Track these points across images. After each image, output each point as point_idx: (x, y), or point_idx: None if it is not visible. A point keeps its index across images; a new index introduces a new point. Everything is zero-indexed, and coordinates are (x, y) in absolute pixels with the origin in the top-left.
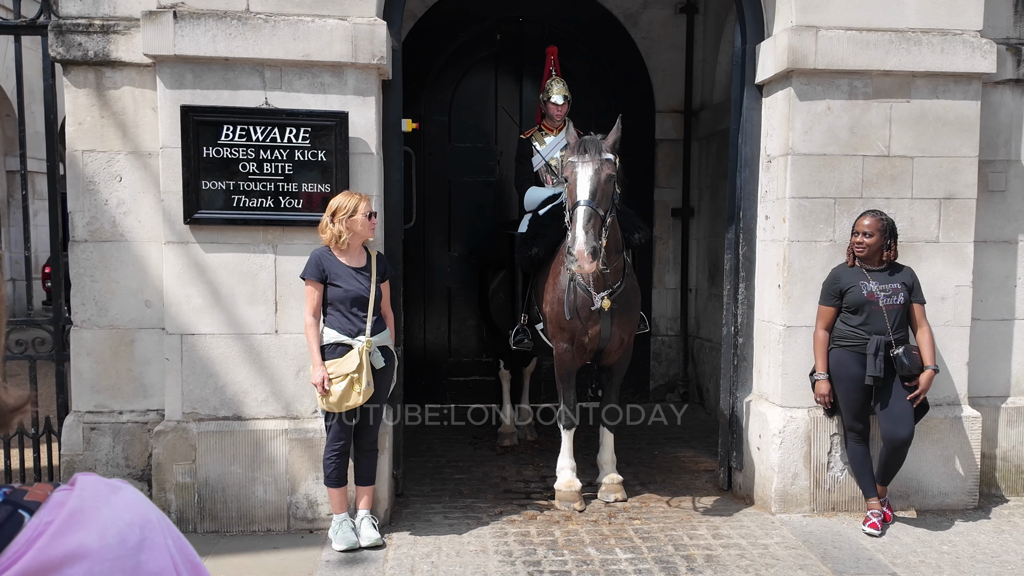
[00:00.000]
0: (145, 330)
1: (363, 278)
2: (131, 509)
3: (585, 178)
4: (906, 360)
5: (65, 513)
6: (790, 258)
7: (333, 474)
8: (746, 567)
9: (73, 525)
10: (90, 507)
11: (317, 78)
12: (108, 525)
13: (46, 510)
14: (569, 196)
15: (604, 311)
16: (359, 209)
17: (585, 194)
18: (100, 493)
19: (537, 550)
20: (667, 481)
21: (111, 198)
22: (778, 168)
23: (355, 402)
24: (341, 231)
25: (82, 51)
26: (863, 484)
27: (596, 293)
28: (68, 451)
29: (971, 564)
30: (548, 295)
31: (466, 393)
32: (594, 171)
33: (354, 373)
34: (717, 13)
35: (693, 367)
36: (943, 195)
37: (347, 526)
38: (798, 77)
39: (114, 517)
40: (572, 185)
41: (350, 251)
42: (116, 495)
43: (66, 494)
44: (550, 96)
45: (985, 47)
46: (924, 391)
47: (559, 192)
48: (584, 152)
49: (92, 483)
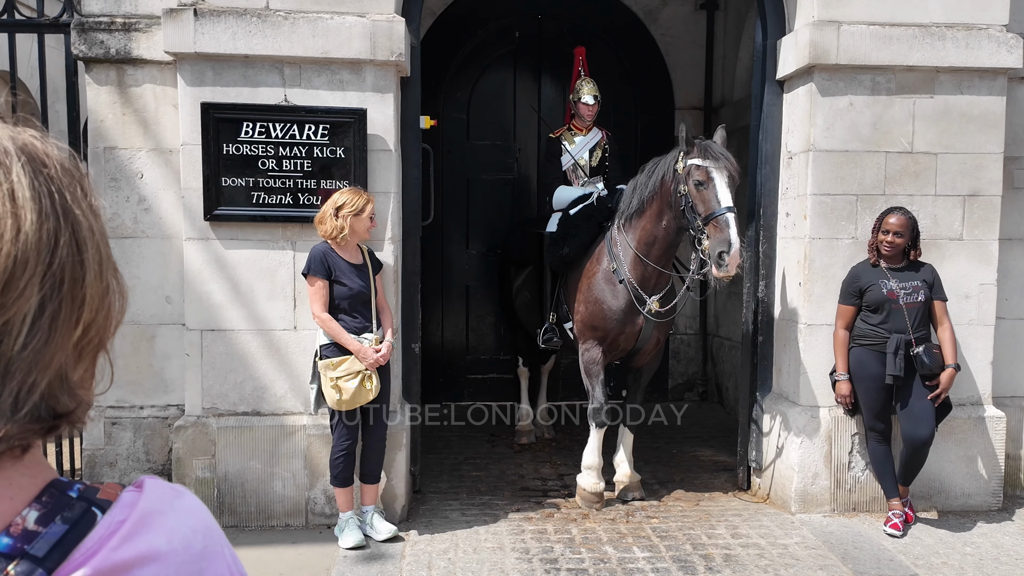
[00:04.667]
0: (166, 325)
1: (363, 274)
2: (194, 515)
3: (723, 184)
4: (926, 359)
5: (137, 514)
6: (811, 255)
7: (341, 474)
8: (765, 567)
9: (143, 527)
10: (158, 510)
11: (336, 75)
12: (175, 530)
13: (117, 509)
14: (702, 200)
15: (648, 313)
16: (366, 209)
17: (729, 200)
18: (166, 497)
19: (554, 548)
20: (685, 480)
21: (132, 195)
22: (799, 165)
23: (367, 399)
24: (344, 226)
25: (104, 49)
26: (885, 484)
27: (648, 296)
28: (90, 445)
29: (995, 566)
30: (582, 295)
31: (484, 391)
32: (729, 176)
33: (365, 370)
34: (737, 9)
35: (712, 366)
36: (967, 192)
37: (354, 523)
38: (820, 73)
39: (180, 522)
40: (709, 189)
41: (348, 248)
42: (180, 500)
43: (136, 495)
44: (581, 96)
45: (1011, 42)
46: (945, 390)
47: (589, 192)
48: (717, 158)
49: (158, 486)
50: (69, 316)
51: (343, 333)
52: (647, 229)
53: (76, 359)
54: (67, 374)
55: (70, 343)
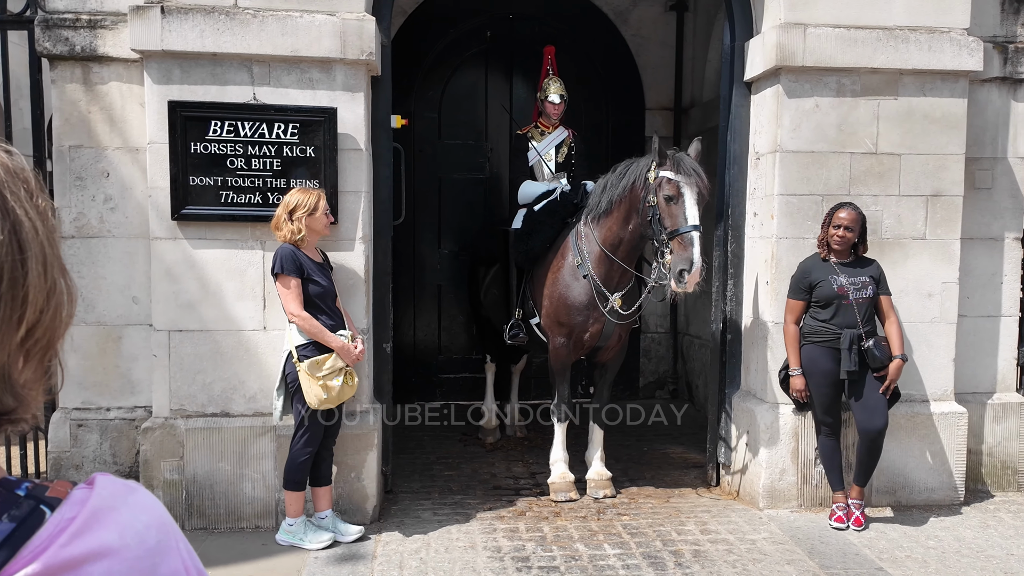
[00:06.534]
0: (133, 326)
1: (327, 273)
2: (147, 511)
3: (692, 201)
4: (877, 352)
5: (87, 511)
6: (778, 255)
7: (303, 477)
8: (734, 562)
9: (94, 524)
10: (110, 506)
11: (306, 74)
12: (127, 526)
13: (67, 507)
14: (669, 215)
15: (611, 310)
16: (319, 207)
17: (696, 218)
18: (118, 493)
19: (526, 546)
20: (656, 477)
21: (98, 194)
22: (766, 165)
23: (349, 396)
24: (300, 228)
25: (69, 46)
26: (831, 478)
27: (611, 294)
28: (55, 448)
29: (956, 559)
30: (547, 290)
31: (456, 390)
32: (699, 193)
33: (347, 367)
34: (707, 11)
35: (683, 364)
36: (930, 192)
37: (311, 526)
38: (787, 74)
39: (132, 518)
40: (679, 205)
41: (309, 248)
42: (133, 496)
43: (86, 492)
44: (547, 95)
45: (972, 45)
46: (894, 380)
47: (553, 188)
48: (689, 173)
49: (111, 483)
50: (10, 316)
51: (326, 331)
52: (613, 230)
53: (23, 359)
54: (10, 374)
55: (13, 342)
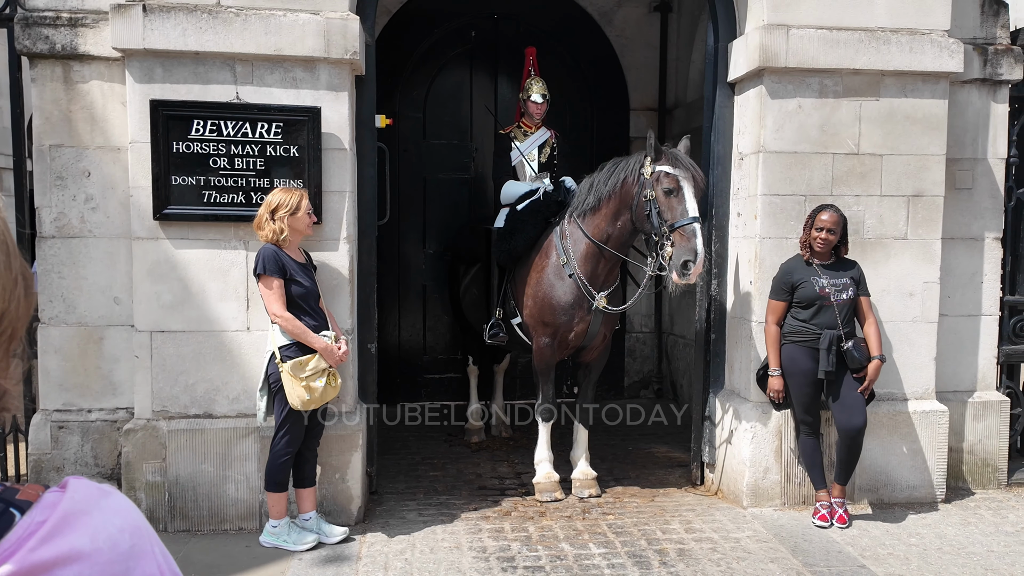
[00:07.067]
0: (114, 327)
1: (310, 274)
2: (121, 515)
3: (691, 193)
4: (856, 353)
5: (58, 514)
6: (762, 255)
7: (285, 478)
8: (718, 560)
9: (65, 527)
10: (82, 510)
11: (289, 73)
12: (99, 529)
13: (38, 510)
14: (669, 207)
15: (597, 309)
16: (301, 207)
17: (696, 210)
18: (91, 497)
19: (511, 546)
20: (641, 476)
21: (79, 193)
22: (750, 166)
23: (332, 397)
24: (283, 228)
25: (49, 44)
26: (813, 476)
27: (597, 292)
28: (36, 450)
29: (938, 556)
30: (531, 289)
31: (441, 391)
32: (697, 187)
33: (330, 368)
34: (691, 12)
35: (667, 363)
36: (911, 192)
37: (295, 527)
38: (770, 75)
39: (105, 522)
40: (678, 198)
41: (292, 248)
42: (107, 499)
43: (58, 495)
44: (530, 95)
45: (952, 47)
46: (873, 381)
47: (536, 187)
48: (687, 168)
49: (84, 486)
50: None
51: (309, 332)
52: (601, 227)
53: None
54: None
55: None
